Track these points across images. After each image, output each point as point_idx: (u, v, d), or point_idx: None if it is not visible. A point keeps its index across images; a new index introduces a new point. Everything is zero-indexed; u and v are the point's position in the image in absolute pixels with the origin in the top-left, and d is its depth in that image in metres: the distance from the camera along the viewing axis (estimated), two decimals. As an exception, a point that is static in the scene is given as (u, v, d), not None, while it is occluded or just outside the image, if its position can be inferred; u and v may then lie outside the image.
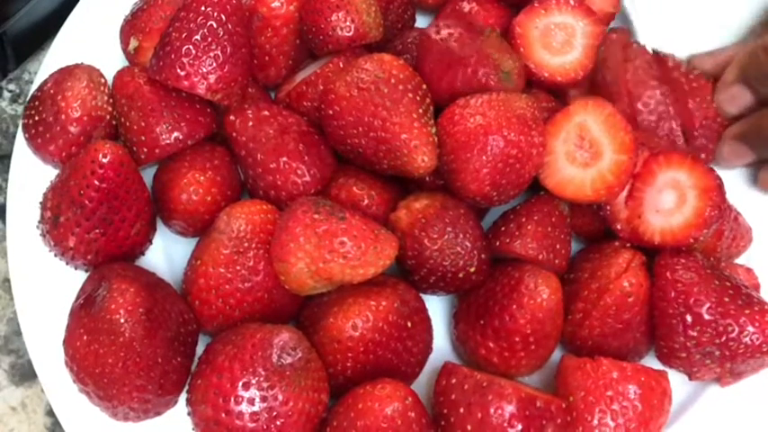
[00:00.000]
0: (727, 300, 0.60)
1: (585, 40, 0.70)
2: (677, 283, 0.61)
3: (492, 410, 0.56)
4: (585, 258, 0.66)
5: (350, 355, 0.59)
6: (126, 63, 0.70)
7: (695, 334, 0.60)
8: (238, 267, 0.60)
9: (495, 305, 0.62)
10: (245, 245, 0.60)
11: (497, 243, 0.65)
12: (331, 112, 0.63)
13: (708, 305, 0.60)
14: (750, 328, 0.59)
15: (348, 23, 0.66)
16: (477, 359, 0.64)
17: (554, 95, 0.71)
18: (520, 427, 0.56)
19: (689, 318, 0.60)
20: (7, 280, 0.65)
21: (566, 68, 0.70)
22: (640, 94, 0.69)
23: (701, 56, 0.74)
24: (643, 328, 0.63)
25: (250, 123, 0.64)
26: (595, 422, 0.59)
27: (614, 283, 0.62)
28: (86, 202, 0.59)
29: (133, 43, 0.69)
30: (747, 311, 0.60)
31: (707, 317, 0.60)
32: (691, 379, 0.63)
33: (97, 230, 0.60)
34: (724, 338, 0.60)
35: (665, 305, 0.62)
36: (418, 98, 0.63)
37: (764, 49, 0.68)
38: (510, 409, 0.56)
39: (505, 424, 0.56)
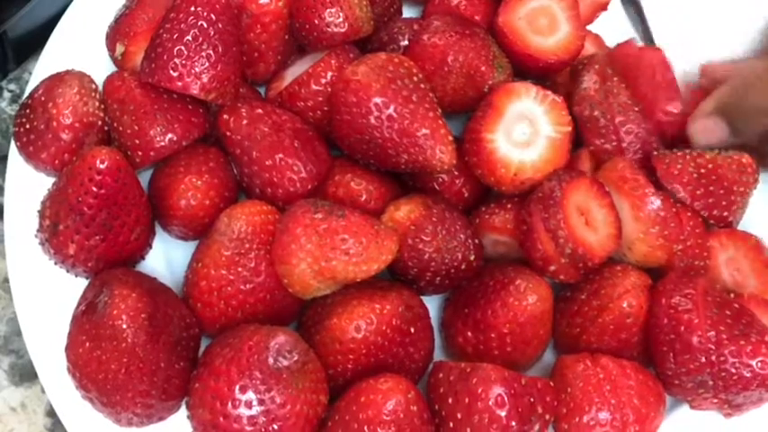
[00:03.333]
0: (722, 328, 0.58)
1: (566, 13, 0.68)
2: (670, 310, 0.59)
3: (479, 392, 0.55)
4: (592, 275, 0.63)
5: (351, 356, 0.58)
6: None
7: (685, 362, 0.58)
8: (240, 269, 0.59)
9: (482, 298, 0.61)
10: (247, 246, 0.59)
11: (477, 221, 0.64)
12: (354, 98, 0.61)
13: (698, 333, 0.58)
14: (744, 359, 0.57)
15: (341, 19, 0.65)
16: (453, 346, 0.63)
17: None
18: (507, 406, 0.54)
19: (678, 345, 0.58)
20: (7, 280, 0.64)
21: (565, 43, 0.68)
22: (627, 133, 0.66)
23: (714, 66, 0.70)
24: (640, 350, 0.61)
25: (244, 122, 0.63)
26: (593, 413, 0.57)
27: (615, 302, 0.60)
28: (85, 208, 0.58)
29: (119, 49, 0.67)
30: (742, 342, 0.57)
31: (697, 345, 0.58)
32: (691, 408, 0.61)
33: (97, 237, 0.59)
34: (716, 368, 0.57)
35: (657, 331, 0.60)
36: (435, 100, 0.63)
37: (745, 85, 0.64)
38: (495, 389, 0.54)
39: (491, 403, 0.54)
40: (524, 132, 0.63)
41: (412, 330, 0.60)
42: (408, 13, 0.76)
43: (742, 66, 0.69)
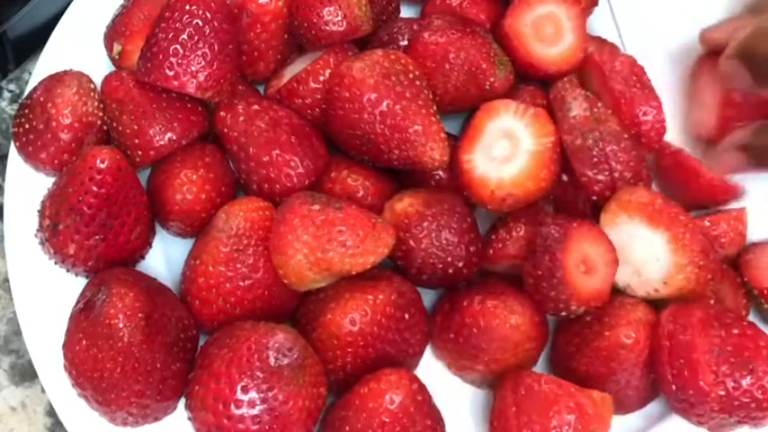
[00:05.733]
0: (724, 368, 0.55)
1: (572, 22, 0.66)
2: (669, 344, 0.57)
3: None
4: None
5: (350, 350, 0.57)
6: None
7: (693, 399, 0.56)
8: (238, 265, 0.58)
9: (464, 299, 0.60)
10: (245, 242, 0.58)
11: (491, 251, 0.62)
12: (347, 94, 0.60)
13: (701, 375, 0.55)
14: (754, 393, 0.55)
15: (340, 18, 0.63)
16: (433, 345, 0.63)
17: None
18: None
19: (683, 383, 0.56)
20: (7, 280, 0.63)
21: (567, 54, 0.66)
22: (618, 162, 0.63)
23: (711, 30, 0.68)
24: (634, 384, 0.59)
25: (241, 118, 0.62)
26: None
27: (612, 331, 0.58)
28: (85, 208, 0.57)
29: (116, 48, 0.66)
30: (750, 376, 0.55)
31: (702, 387, 0.55)
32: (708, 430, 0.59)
33: (97, 236, 0.58)
34: (726, 404, 0.55)
35: (660, 365, 0.58)
36: (430, 97, 0.61)
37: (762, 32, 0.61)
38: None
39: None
40: (504, 149, 0.61)
41: (406, 316, 0.59)
42: (406, 12, 0.74)
43: (745, 20, 0.67)
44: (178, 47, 0.59)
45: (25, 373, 0.66)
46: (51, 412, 0.64)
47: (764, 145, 0.63)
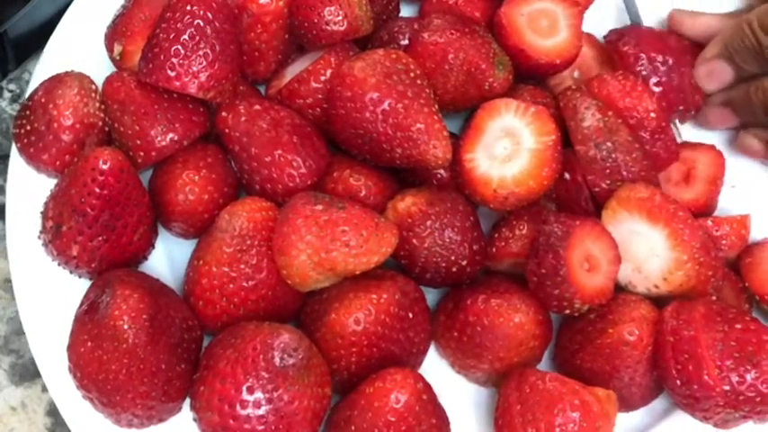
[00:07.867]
0: (729, 363, 0.55)
1: (568, 20, 0.66)
2: (673, 340, 0.57)
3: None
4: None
5: (354, 349, 0.56)
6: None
7: (698, 393, 0.56)
8: (242, 266, 0.57)
9: (468, 298, 0.60)
10: (248, 243, 0.57)
11: (494, 249, 0.62)
12: (349, 93, 0.59)
13: (706, 370, 0.55)
14: (759, 387, 0.55)
15: (340, 17, 0.63)
16: (437, 344, 0.63)
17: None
18: None
19: (687, 378, 0.56)
20: (8, 280, 0.63)
21: (560, 48, 0.65)
22: (630, 172, 0.62)
23: (683, 14, 0.71)
24: (638, 381, 0.58)
25: (243, 118, 0.61)
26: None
27: (616, 328, 0.57)
28: (88, 209, 0.56)
29: (117, 49, 0.65)
30: (754, 371, 0.55)
31: (707, 381, 0.55)
32: (715, 426, 0.58)
33: (100, 238, 0.57)
34: (732, 399, 0.55)
35: (664, 361, 0.57)
36: (432, 96, 0.61)
37: (749, 23, 0.64)
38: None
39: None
40: (506, 147, 0.61)
41: (410, 315, 0.58)
42: (406, 11, 0.74)
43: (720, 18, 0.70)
44: (179, 47, 0.59)
45: (25, 373, 0.65)
46: (51, 412, 0.64)
47: (741, 95, 0.68)
